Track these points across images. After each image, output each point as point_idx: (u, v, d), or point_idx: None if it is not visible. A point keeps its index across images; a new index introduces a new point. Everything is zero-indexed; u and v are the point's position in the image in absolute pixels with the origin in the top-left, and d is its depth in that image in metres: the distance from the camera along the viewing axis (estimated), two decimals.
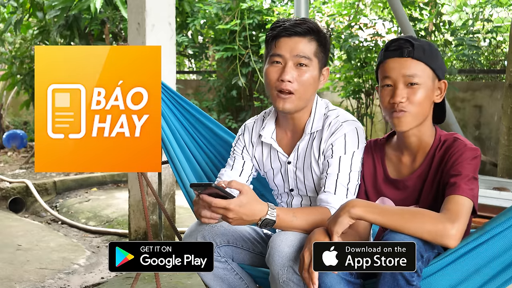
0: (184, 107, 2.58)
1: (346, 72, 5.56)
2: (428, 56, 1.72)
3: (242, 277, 2.03)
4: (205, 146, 2.56)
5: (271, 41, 1.92)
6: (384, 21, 5.73)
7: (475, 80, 6.03)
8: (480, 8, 5.71)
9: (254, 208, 1.70)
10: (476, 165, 1.68)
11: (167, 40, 3.42)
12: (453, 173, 1.66)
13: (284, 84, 1.88)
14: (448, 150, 1.72)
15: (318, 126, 1.95)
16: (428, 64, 1.72)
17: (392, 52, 1.74)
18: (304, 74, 1.88)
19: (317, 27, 1.92)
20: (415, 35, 4.55)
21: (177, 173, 2.45)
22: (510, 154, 4.30)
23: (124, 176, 6.09)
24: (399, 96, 1.70)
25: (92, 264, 3.86)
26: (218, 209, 1.67)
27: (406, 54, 1.71)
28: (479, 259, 1.59)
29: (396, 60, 1.72)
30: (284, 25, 1.89)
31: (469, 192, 1.61)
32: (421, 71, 1.71)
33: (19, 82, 7.54)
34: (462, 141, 1.72)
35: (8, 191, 5.51)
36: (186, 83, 7.76)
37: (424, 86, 1.71)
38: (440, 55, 1.78)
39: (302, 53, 1.87)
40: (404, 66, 1.71)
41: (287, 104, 1.90)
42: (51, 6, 6.03)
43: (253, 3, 5.99)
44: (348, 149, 1.88)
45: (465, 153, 1.68)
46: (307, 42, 1.89)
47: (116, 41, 6.45)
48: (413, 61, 1.71)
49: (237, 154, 2.12)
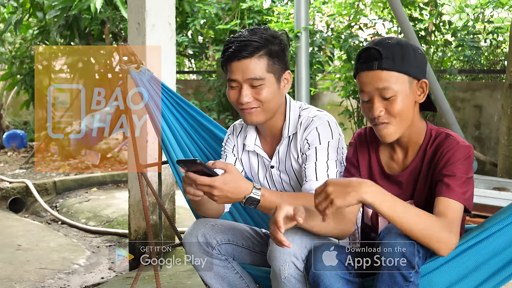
0: (184, 108, 2.58)
1: (346, 72, 5.56)
2: (399, 62, 1.64)
3: (242, 276, 2.04)
4: (204, 146, 2.57)
5: (224, 65, 1.94)
6: (384, 21, 5.73)
7: (475, 80, 6.03)
8: (481, 9, 5.70)
9: (239, 185, 1.73)
10: (470, 164, 1.66)
11: (167, 40, 3.42)
12: (446, 173, 1.63)
13: (244, 105, 1.91)
14: (440, 146, 1.69)
15: (294, 129, 1.98)
16: (400, 71, 1.64)
17: (362, 65, 1.68)
18: (261, 92, 1.89)
19: (265, 40, 1.89)
20: (415, 35, 4.55)
21: (177, 173, 2.45)
22: (510, 154, 4.30)
23: (124, 176, 6.09)
24: (377, 110, 1.66)
25: (92, 264, 3.86)
26: (203, 186, 1.70)
27: (375, 66, 1.64)
28: (479, 256, 1.59)
29: (367, 74, 1.66)
30: (231, 49, 1.88)
31: (461, 196, 1.60)
32: (394, 81, 1.64)
33: (19, 82, 7.54)
34: (454, 137, 1.69)
35: (8, 191, 5.51)
36: (186, 83, 7.76)
37: (401, 94, 1.65)
38: (418, 53, 1.69)
39: (253, 76, 1.87)
40: (376, 79, 1.64)
41: (253, 117, 1.93)
42: (51, 6, 6.03)
43: (253, 3, 5.99)
44: (322, 139, 1.90)
45: (458, 151, 1.65)
46: (256, 61, 1.87)
47: (116, 41, 6.44)
48: (384, 72, 1.63)
49: (228, 152, 2.14)
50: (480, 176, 4.45)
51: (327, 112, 2.00)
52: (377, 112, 1.66)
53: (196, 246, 1.98)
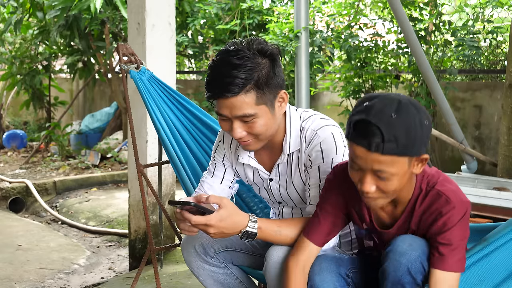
0: (184, 105, 2.59)
1: (346, 72, 5.55)
2: (402, 145, 1.41)
3: (242, 281, 2.03)
4: (205, 143, 2.56)
5: (208, 99, 1.76)
6: (384, 21, 5.73)
7: (475, 80, 6.03)
8: (481, 9, 5.70)
9: (234, 221, 1.69)
10: (466, 223, 1.53)
11: (167, 40, 3.42)
12: (441, 241, 1.52)
13: (238, 139, 1.78)
14: (432, 206, 1.54)
15: (296, 146, 1.84)
16: (402, 154, 1.43)
17: (358, 138, 1.45)
18: (254, 126, 1.73)
19: (249, 71, 1.68)
20: (415, 35, 4.54)
21: (178, 172, 2.46)
22: (510, 154, 4.30)
23: (124, 176, 6.09)
24: (367, 186, 1.49)
25: (92, 264, 3.86)
26: (198, 225, 1.67)
27: (374, 148, 1.42)
28: (483, 271, 1.58)
29: (362, 150, 1.44)
30: (214, 85, 1.70)
31: (457, 265, 1.52)
32: (393, 164, 1.44)
33: (19, 82, 7.54)
34: (447, 196, 1.52)
35: (8, 191, 5.51)
36: (186, 83, 7.75)
37: (398, 175, 1.46)
38: (424, 125, 1.45)
39: (241, 113, 1.70)
40: (372, 160, 1.44)
41: (250, 147, 1.81)
42: (51, 6, 6.03)
43: (253, 3, 5.99)
44: (326, 157, 1.78)
45: (454, 216, 1.51)
46: (244, 97, 1.68)
47: (116, 41, 6.44)
48: (383, 156, 1.42)
49: (217, 162, 2.01)
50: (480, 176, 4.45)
51: (331, 120, 1.86)
52: (367, 188, 1.49)
53: (194, 255, 1.96)
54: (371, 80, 5.43)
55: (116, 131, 7.72)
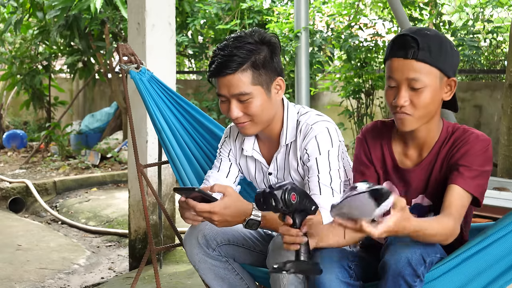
0: (184, 107, 2.59)
1: (346, 72, 5.55)
2: (435, 56, 1.59)
3: (242, 277, 2.04)
4: (204, 146, 2.57)
5: (210, 79, 1.89)
6: (384, 21, 5.73)
7: (475, 80, 6.03)
8: (481, 9, 5.70)
9: (239, 209, 1.72)
10: (487, 157, 1.63)
11: (167, 40, 3.41)
12: (462, 163, 1.61)
13: (235, 120, 1.87)
14: (457, 140, 1.66)
15: (292, 137, 1.92)
16: (434, 65, 1.59)
17: (396, 51, 1.61)
18: (249, 107, 1.84)
19: (248, 52, 1.81)
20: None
21: (178, 172, 2.46)
22: (510, 154, 4.30)
23: (124, 176, 6.08)
24: (402, 99, 1.61)
25: (92, 264, 3.86)
26: (203, 213, 1.69)
27: (410, 55, 1.58)
28: (482, 263, 1.58)
29: (399, 60, 1.60)
30: (215, 64, 1.83)
31: (473, 187, 1.59)
32: (426, 73, 1.59)
33: (19, 82, 7.54)
34: (471, 131, 1.66)
35: (8, 191, 5.51)
36: (186, 83, 7.75)
37: (430, 88, 1.60)
38: (454, 50, 1.65)
39: (238, 91, 1.81)
40: (408, 68, 1.59)
41: (247, 131, 1.90)
42: (51, 6, 6.03)
43: (253, 3, 5.99)
44: (322, 149, 1.85)
45: (476, 145, 1.63)
46: (240, 76, 1.80)
47: (116, 41, 6.44)
48: (418, 63, 1.58)
49: (223, 156, 2.10)
50: None
51: (327, 116, 1.94)
52: (402, 101, 1.61)
53: (196, 247, 1.97)
54: (371, 80, 5.42)
55: (116, 131, 7.72)
